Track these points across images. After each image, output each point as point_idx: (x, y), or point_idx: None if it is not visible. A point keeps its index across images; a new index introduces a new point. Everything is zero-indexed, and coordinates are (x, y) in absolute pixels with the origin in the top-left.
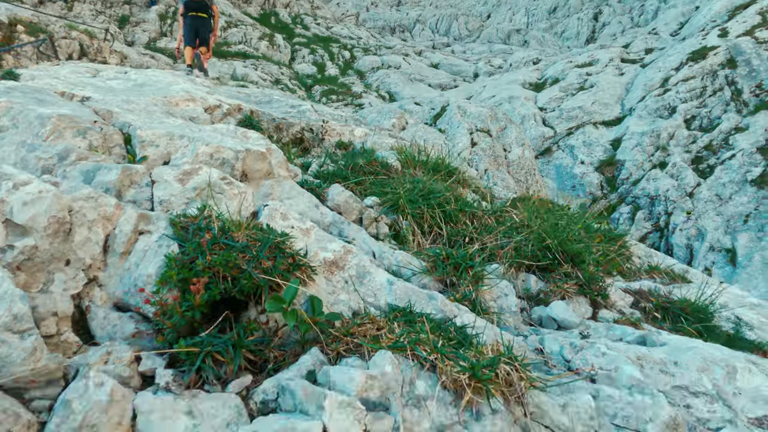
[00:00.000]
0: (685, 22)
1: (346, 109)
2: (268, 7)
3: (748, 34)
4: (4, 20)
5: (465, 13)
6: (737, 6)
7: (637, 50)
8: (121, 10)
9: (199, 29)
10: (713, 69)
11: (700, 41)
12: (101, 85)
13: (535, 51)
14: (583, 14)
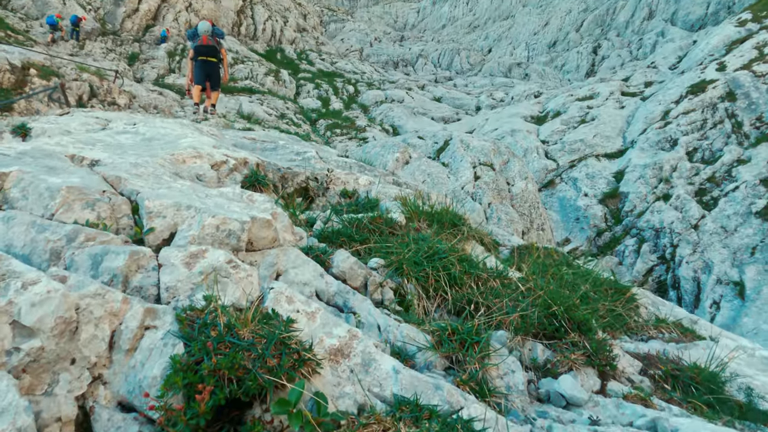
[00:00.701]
0: (683, 56)
1: (350, 143)
2: (274, 44)
3: (746, 67)
4: (18, 64)
5: (466, 47)
6: (734, 40)
7: (637, 83)
8: (131, 48)
9: (209, 73)
10: (713, 102)
11: (698, 75)
12: (110, 142)
13: (536, 84)
14: (582, 48)
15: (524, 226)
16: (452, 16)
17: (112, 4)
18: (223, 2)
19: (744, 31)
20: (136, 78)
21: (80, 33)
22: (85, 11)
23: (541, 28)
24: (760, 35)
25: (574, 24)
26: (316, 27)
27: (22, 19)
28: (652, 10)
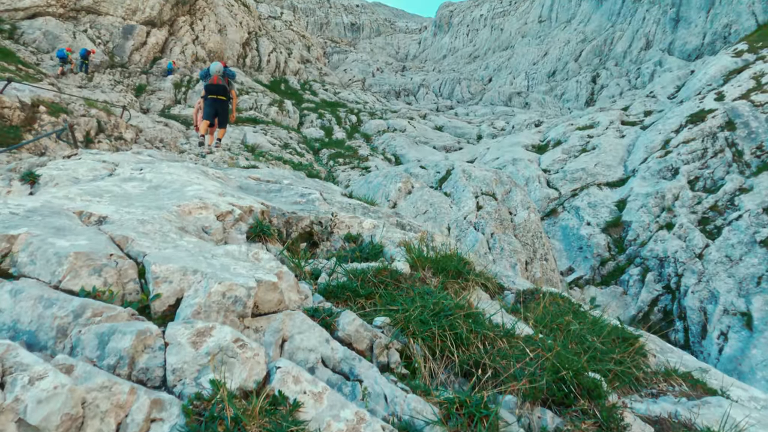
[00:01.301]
0: (681, 86)
1: (352, 172)
2: (279, 75)
3: (744, 97)
4: (28, 101)
5: (467, 77)
6: (731, 71)
7: (637, 113)
8: (138, 80)
9: (218, 111)
10: (712, 131)
11: (697, 104)
12: (118, 192)
13: (536, 113)
14: (581, 77)
15: (527, 256)
16: (453, 46)
17: (121, 38)
18: (229, 35)
19: (741, 61)
20: (143, 109)
21: (89, 66)
22: (95, 45)
23: (540, 58)
24: (756, 66)
25: (572, 54)
26: (320, 58)
27: (33, 53)
28: (649, 40)
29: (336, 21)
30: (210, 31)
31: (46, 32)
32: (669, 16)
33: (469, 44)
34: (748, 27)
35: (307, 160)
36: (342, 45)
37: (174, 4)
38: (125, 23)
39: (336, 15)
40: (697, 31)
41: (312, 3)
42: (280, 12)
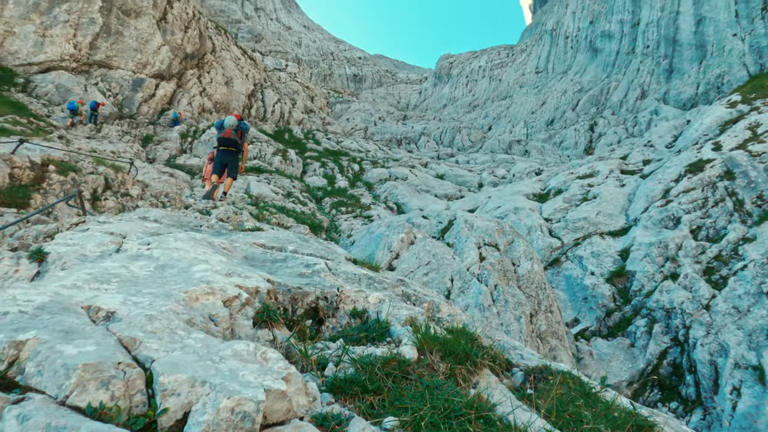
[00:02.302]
0: (678, 135)
1: (355, 221)
2: (283, 124)
3: (741, 147)
4: (38, 161)
5: (467, 126)
6: (726, 121)
7: (636, 162)
8: (146, 130)
9: (227, 163)
10: (712, 181)
11: (695, 154)
12: (125, 276)
13: (536, 161)
14: (579, 126)
15: (532, 308)
16: (452, 96)
17: (130, 90)
18: (235, 87)
19: (735, 112)
20: (149, 158)
21: (98, 117)
22: (105, 97)
23: (538, 107)
24: (751, 116)
25: (570, 103)
26: (323, 108)
27: (45, 105)
28: (644, 90)
29: (339, 72)
30: (217, 83)
31: (59, 85)
32: (662, 67)
33: (469, 94)
34: (740, 78)
35: (310, 209)
36: (345, 95)
37: (183, 59)
38: (135, 76)
39: (339, 67)
40: (690, 81)
41: (316, 56)
42: (285, 64)
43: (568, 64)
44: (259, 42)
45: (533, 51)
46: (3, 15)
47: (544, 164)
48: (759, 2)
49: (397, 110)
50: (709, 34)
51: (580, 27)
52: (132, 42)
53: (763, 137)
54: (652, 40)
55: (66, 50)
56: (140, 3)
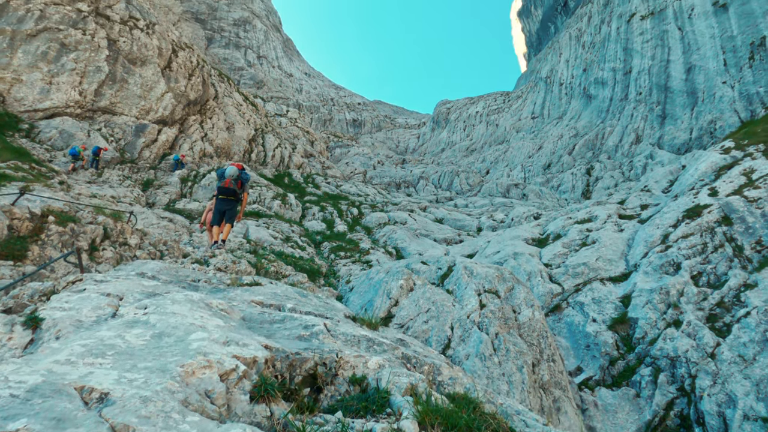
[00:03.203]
0: (674, 180)
1: (354, 266)
2: (283, 169)
3: (737, 193)
4: (38, 212)
5: (465, 169)
6: (721, 167)
7: (633, 206)
8: (147, 175)
9: (226, 211)
10: (710, 226)
11: (692, 199)
12: (121, 347)
13: (535, 204)
14: (576, 170)
15: (534, 358)
16: (450, 141)
17: (133, 136)
18: (236, 132)
19: (729, 158)
20: (149, 203)
21: (100, 162)
22: (108, 142)
23: (535, 151)
24: (745, 162)
25: (566, 148)
26: (323, 152)
27: (47, 150)
28: (639, 135)
29: (339, 117)
30: (218, 129)
31: (62, 131)
32: (656, 113)
33: (466, 138)
34: (732, 123)
35: (309, 253)
36: (344, 139)
37: (186, 105)
38: (138, 122)
39: (339, 112)
40: (684, 126)
41: (317, 101)
42: (286, 110)
43: (563, 109)
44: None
45: (529, 97)
46: (11, 63)
47: (542, 208)
48: (746, 52)
49: (396, 154)
50: (700, 82)
51: (573, 74)
52: (136, 89)
53: (758, 183)
54: (644, 87)
55: (71, 97)
56: (146, 52)
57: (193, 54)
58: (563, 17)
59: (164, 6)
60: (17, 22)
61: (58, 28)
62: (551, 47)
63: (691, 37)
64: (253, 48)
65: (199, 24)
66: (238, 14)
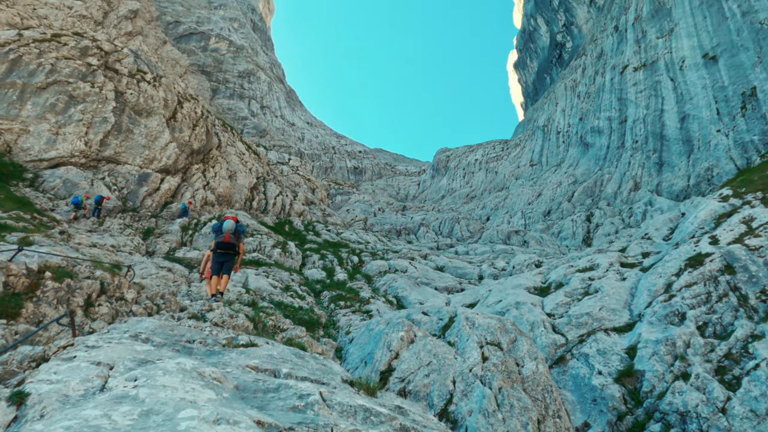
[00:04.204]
0: (674, 228)
1: (353, 317)
2: (283, 216)
3: (738, 241)
4: (34, 267)
5: (465, 216)
6: (720, 215)
7: (635, 254)
8: (148, 223)
9: (224, 262)
10: (713, 275)
11: (693, 248)
12: (106, 429)
13: (536, 251)
14: (576, 216)
15: (539, 414)
16: (450, 188)
17: (135, 184)
18: (238, 180)
19: (728, 206)
20: (149, 251)
21: (101, 211)
22: (110, 191)
23: (534, 198)
24: (744, 210)
25: (565, 194)
26: (324, 199)
27: (50, 199)
28: (637, 182)
29: (340, 165)
30: (221, 177)
31: (66, 180)
32: (652, 160)
33: (466, 185)
34: (729, 171)
35: (308, 303)
36: (345, 187)
37: (189, 154)
38: (141, 171)
39: (340, 160)
40: (681, 174)
41: (318, 150)
42: (288, 158)
43: (561, 157)
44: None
45: (527, 145)
46: (20, 115)
47: (543, 255)
48: (738, 102)
49: (397, 201)
50: (695, 130)
51: (570, 123)
52: (141, 139)
53: (758, 231)
54: (640, 136)
55: (77, 147)
56: (152, 103)
57: (197, 105)
58: (558, 68)
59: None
60: (28, 76)
61: (68, 81)
62: (547, 97)
63: (683, 87)
64: (256, 98)
65: (205, 76)
66: (243, 67)
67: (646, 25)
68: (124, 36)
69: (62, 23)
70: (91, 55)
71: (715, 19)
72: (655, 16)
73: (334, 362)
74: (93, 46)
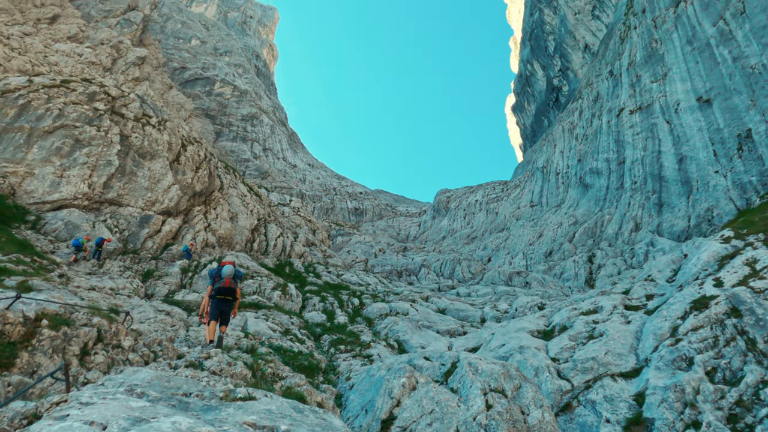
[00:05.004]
0: (678, 269)
1: (354, 361)
2: (284, 258)
3: (742, 283)
4: (31, 315)
5: (467, 257)
6: (723, 256)
7: (638, 296)
8: (148, 265)
9: (224, 310)
10: (719, 318)
11: (698, 290)
12: None
13: (538, 293)
14: (577, 257)
15: None
16: (451, 228)
17: (137, 226)
18: (239, 222)
19: (730, 247)
20: (148, 294)
21: (102, 253)
22: (111, 233)
23: (535, 239)
24: (747, 252)
25: (566, 235)
26: (324, 240)
27: (51, 241)
28: (638, 222)
29: (341, 206)
30: (222, 219)
31: (68, 222)
32: (652, 201)
33: (467, 226)
34: (729, 211)
35: (308, 347)
36: (346, 228)
37: (191, 196)
38: (143, 213)
39: (341, 201)
40: (681, 214)
41: (319, 191)
42: (289, 199)
43: (561, 198)
44: (265, 179)
45: (526, 186)
46: (26, 158)
47: (545, 297)
48: (734, 143)
49: (397, 242)
50: (693, 171)
51: (569, 165)
52: (144, 181)
53: (763, 273)
54: (639, 177)
55: (80, 189)
56: (156, 147)
57: (201, 148)
58: (555, 111)
59: (177, 103)
60: (36, 120)
61: (74, 125)
62: (546, 139)
63: (679, 129)
64: (259, 141)
65: (209, 119)
66: (247, 110)
67: (640, 69)
68: (131, 81)
69: (72, 69)
70: (98, 100)
71: (707, 64)
72: (648, 61)
73: (334, 416)
74: (101, 91)
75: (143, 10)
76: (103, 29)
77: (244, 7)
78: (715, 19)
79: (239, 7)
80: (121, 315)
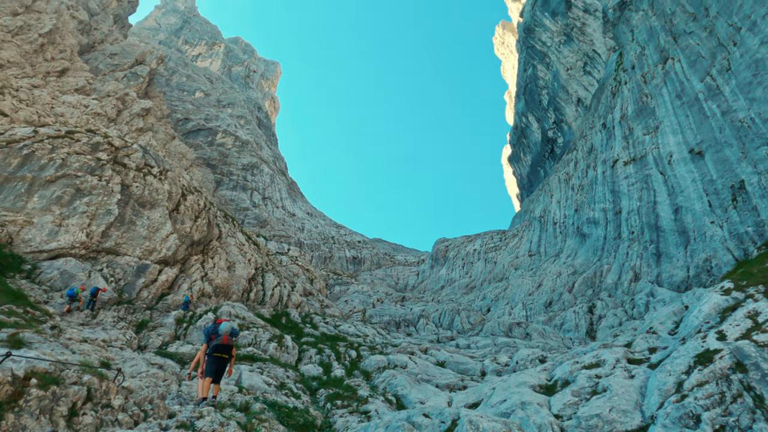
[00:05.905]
0: (679, 321)
1: (351, 417)
2: (281, 308)
3: (746, 337)
4: (21, 374)
5: (466, 308)
6: (724, 308)
7: (641, 350)
8: (142, 316)
9: (219, 368)
10: (725, 373)
11: (701, 344)
12: None
13: (539, 344)
14: (578, 308)
15: None
16: (450, 278)
17: (133, 276)
18: (237, 271)
19: (731, 299)
20: (141, 345)
21: (96, 303)
22: (107, 283)
23: (534, 289)
24: (748, 304)
25: (565, 285)
26: (322, 290)
27: (45, 291)
28: (637, 272)
29: (339, 255)
30: (219, 268)
31: (64, 272)
32: (650, 251)
33: (465, 276)
34: (727, 261)
35: (304, 402)
36: (344, 277)
37: (189, 245)
38: (140, 262)
39: (339, 249)
40: (680, 264)
41: (318, 240)
42: (288, 248)
43: (559, 247)
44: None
45: (524, 236)
46: (26, 207)
47: (547, 349)
48: (728, 194)
49: (396, 291)
50: (689, 221)
51: (566, 214)
52: (143, 230)
53: (765, 326)
54: (635, 227)
55: (78, 238)
56: (156, 196)
57: (201, 197)
58: (551, 162)
59: (179, 153)
60: (39, 170)
61: (76, 175)
62: (542, 189)
63: (674, 180)
64: (259, 190)
65: (210, 168)
66: (247, 160)
67: (632, 122)
68: (135, 132)
69: (77, 120)
70: (101, 150)
71: (697, 118)
72: (639, 114)
73: None
74: (104, 142)
75: (150, 64)
76: (110, 82)
77: (247, 61)
78: (702, 75)
79: (243, 62)
80: (112, 371)
